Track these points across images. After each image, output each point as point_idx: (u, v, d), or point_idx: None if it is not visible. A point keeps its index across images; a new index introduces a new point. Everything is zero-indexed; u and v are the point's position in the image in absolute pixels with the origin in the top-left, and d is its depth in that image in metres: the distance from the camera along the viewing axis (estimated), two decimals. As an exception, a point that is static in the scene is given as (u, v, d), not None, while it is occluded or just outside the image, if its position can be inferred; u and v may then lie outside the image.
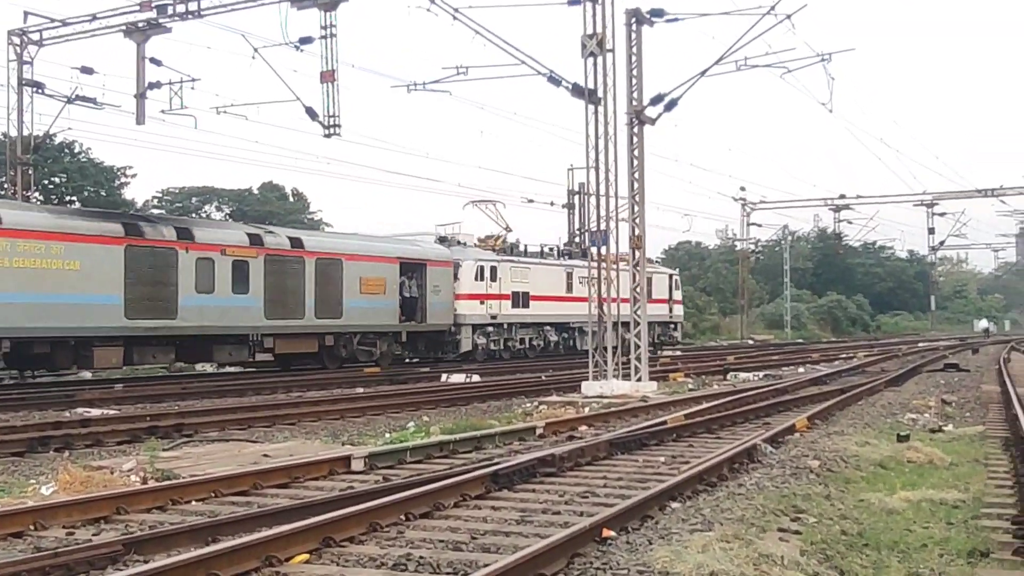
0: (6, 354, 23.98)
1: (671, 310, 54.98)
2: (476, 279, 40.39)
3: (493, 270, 41.26)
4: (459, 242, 43.11)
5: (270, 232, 32.37)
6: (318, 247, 32.92)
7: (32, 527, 8.10)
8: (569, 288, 45.53)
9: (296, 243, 31.81)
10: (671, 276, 56.78)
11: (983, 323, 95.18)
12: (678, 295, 57.48)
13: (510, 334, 42.93)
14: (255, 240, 30.18)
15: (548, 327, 45.38)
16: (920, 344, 56.66)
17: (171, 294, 27.18)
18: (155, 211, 46.21)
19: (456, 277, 39.42)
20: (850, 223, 71.27)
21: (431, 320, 36.59)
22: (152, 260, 27.18)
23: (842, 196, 67.18)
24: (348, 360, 33.85)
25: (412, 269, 36.30)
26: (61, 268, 24.89)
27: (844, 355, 42.03)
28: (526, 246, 46.89)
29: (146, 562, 6.50)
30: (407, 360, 38.69)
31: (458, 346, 39.78)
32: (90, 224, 26.84)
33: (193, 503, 9.44)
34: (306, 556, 6.98)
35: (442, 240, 42.78)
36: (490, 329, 41.27)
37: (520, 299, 42.84)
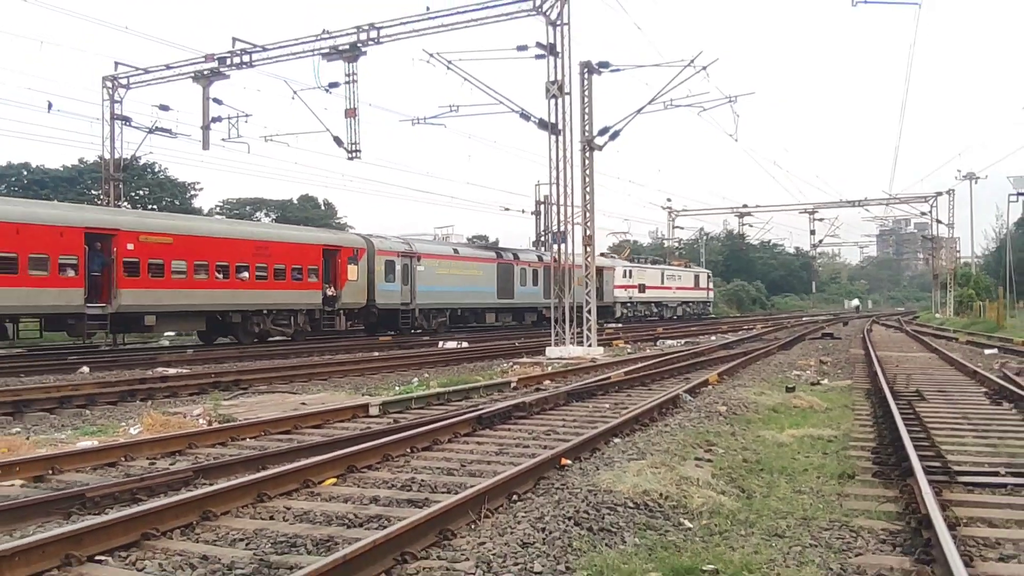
0: (451, 316, 45.87)
1: (708, 295, 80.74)
2: (623, 277, 63.03)
3: (629, 272, 64.82)
4: (611, 254, 66.32)
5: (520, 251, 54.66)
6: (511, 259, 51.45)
7: (123, 458, 9.14)
8: (662, 280, 71.10)
9: (515, 256, 52.02)
10: (708, 275, 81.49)
11: (855, 302, 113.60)
12: (711, 284, 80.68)
13: (636, 308, 66.67)
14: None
15: (654, 304, 70.36)
16: (804, 319, 62.88)
17: (513, 287, 50.44)
18: (218, 215, 53.44)
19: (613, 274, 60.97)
20: (751, 226, 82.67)
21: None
22: (505, 270, 49.87)
23: (744, 206, 77.68)
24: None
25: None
26: (473, 275, 46.94)
27: (746, 327, 44.81)
28: (646, 257, 74.50)
29: (211, 484, 7.38)
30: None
31: (614, 313, 60.25)
32: (481, 252, 51.69)
33: (247, 440, 10.48)
34: (334, 479, 7.96)
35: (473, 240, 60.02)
36: (628, 304, 64.60)
37: (641, 288, 66.39)
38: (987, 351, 26.58)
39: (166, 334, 34.18)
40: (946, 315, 64.08)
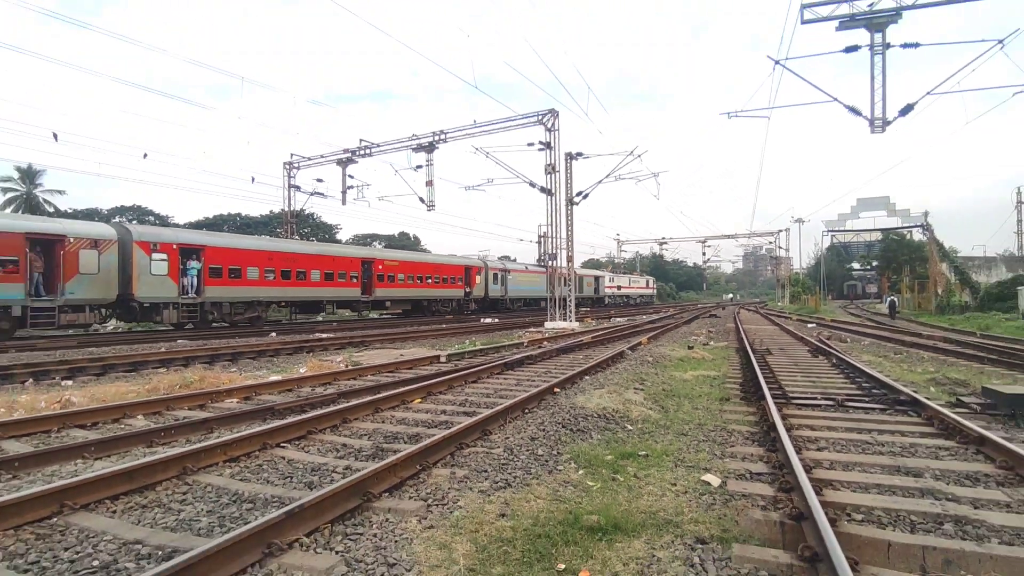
0: (526, 302, 44.46)
1: (653, 292, 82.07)
2: (610, 281, 62.90)
3: (613, 278, 64.79)
4: (606, 268, 70.68)
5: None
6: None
7: (296, 387, 9.17)
8: (630, 283, 71.51)
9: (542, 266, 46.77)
10: (653, 280, 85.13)
11: (730, 296, 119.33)
12: (654, 286, 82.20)
13: (615, 299, 63.81)
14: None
15: (626, 296, 68.86)
16: (699, 306, 61.53)
17: (553, 286, 43.68)
18: (350, 246, 48.06)
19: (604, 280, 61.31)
20: (667, 250, 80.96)
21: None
22: (548, 278, 39.09)
23: (663, 238, 76.14)
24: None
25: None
26: (533, 279, 44.46)
27: (665, 312, 43.68)
28: (618, 268, 74.63)
29: (347, 402, 7.49)
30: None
31: (603, 302, 59.21)
32: (536, 268, 45.77)
33: (368, 376, 10.43)
34: (419, 399, 7.95)
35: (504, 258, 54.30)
36: (612, 297, 62.73)
37: (618, 288, 65.88)
38: (809, 325, 26.24)
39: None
40: (784, 304, 63.31)
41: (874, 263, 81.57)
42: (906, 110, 15.43)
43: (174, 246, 21.01)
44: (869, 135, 15.86)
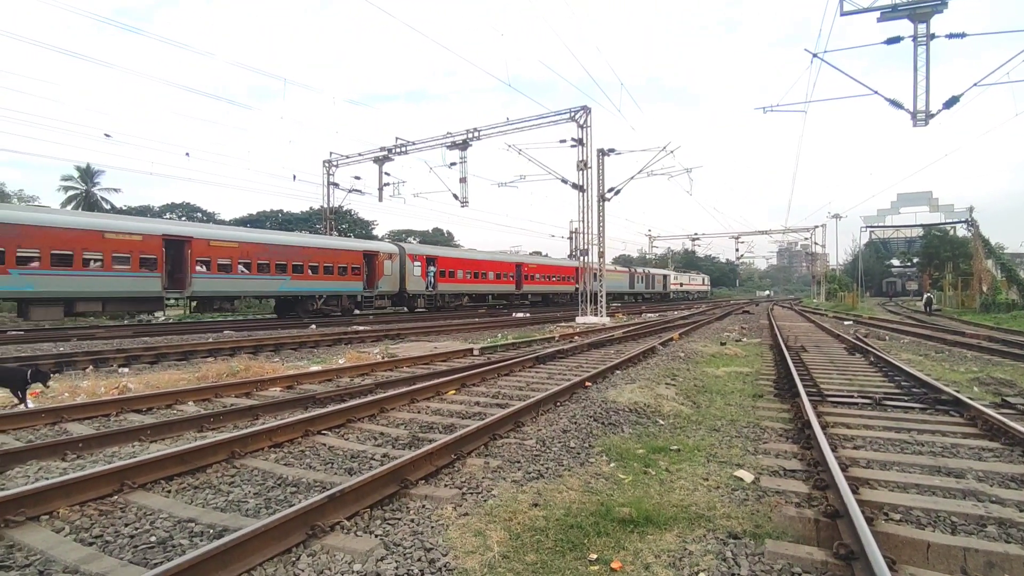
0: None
1: (708, 288, 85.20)
2: (674, 279, 66.88)
3: (676, 276, 68.27)
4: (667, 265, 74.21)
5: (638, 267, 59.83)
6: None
7: (335, 376, 9.32)
8: (689, 280, 75.74)
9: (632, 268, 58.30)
10: (707, 277, 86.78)
11: (766, 292, 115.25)
12: (683, 280, 77.87)
13: (677, 294, 68.59)
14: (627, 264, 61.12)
15: (685, 292, 72.97)
16: (731, 303, 60.38)
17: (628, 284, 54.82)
18: (387, 242, 49.06)
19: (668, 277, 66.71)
20: (699, 245, 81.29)
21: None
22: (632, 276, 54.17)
23: (696, 234, 75.52)
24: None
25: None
26: (618, 280, 49.71)
27: (696, 308, 42.75)
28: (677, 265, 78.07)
29: (384, 392, 7.60)
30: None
31: (669, 296, 65.17)
32: (622, 269, 54.92)
33: (404, 368, 10.48)
34: (454, 391, 7.99)
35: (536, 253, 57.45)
36: (677, 293, 67.88)
37: (681, 284, 71.51)
38: (846, 322, 25.44)
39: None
40: (820, 301, 61.53)
41: (915, 260, 78.54)
42: (951, 102, 14.77)
43: (423, 256, 31.63)
44: (911, 129, 15.30)
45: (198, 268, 21.13)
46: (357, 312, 27.68)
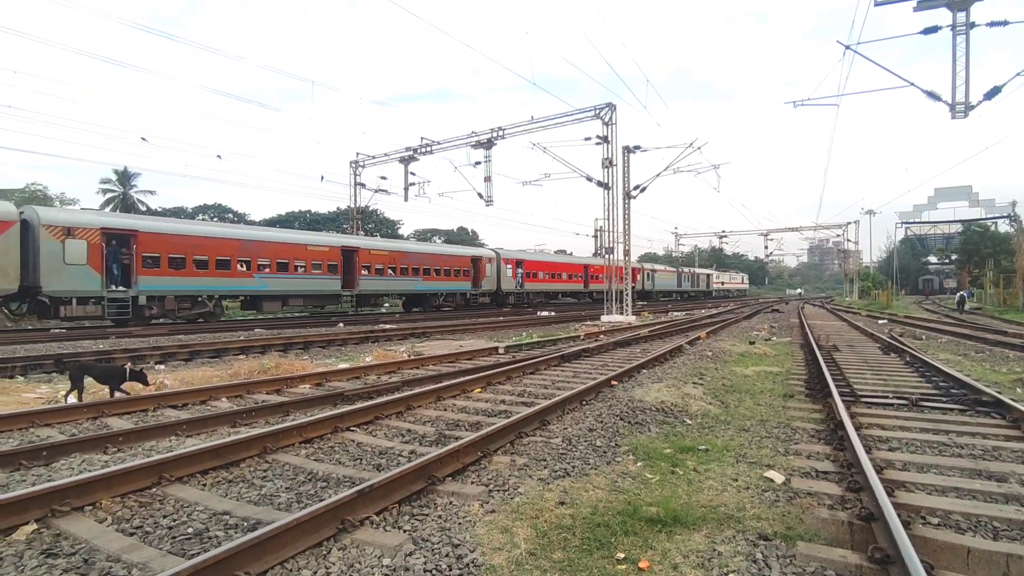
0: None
1: (744, 286, 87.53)
2: (716, 279, 69.01)
3: (719, 276, 70.93)
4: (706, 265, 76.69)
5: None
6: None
7: (363, 374, 9.41)
8: (730, 279, 77.41)
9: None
10: (746, 276, 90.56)
11: (798, 290, 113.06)
12: (724, 279, 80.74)
13: (717, 293, 70.83)
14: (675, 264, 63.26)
15: (727, 291, 75.93)
16: (759, 301, 59.82)
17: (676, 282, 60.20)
18: (412, 240, 51.30)
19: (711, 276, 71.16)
20: (727, 243, 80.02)
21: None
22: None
23: (723, 231, 74.74)
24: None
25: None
26: (668, 279, 53.93)
27: (724, 306, 42.01)
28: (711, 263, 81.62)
29: (411, 390, 7.65)
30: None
31: (711, 295, 67.36)
32: (671, 269, 59.22)
33: (430, 366, 10.53)
34: (479, 389, 8.01)
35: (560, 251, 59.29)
36: (719, 292, 69.74)
37: (722, 283, 73.26)
38: (880, 321, 24.76)
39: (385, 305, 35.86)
40: (853, 299, 60.00)
41: (953, 256, 75.92)
42: (992, 93, 14.23)
43: (514, 260, 36.61)
44: (949, 121, 14.75)
45: (362, 272, 26.90)
46: (464, 306, 32.76)
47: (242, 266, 22.30)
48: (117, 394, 7.37)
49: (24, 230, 17.11)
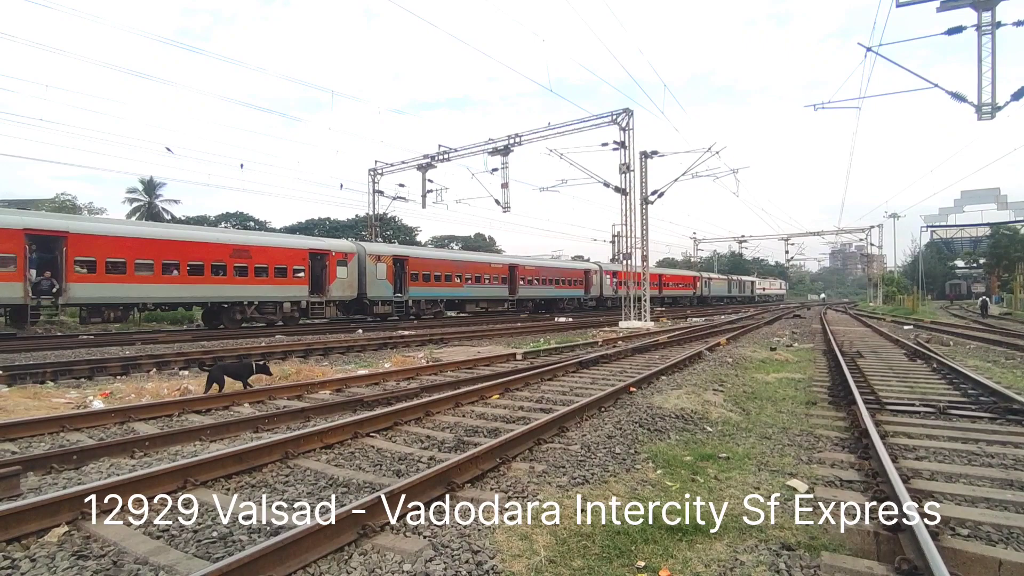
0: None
1: (782, 291, 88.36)
2: (761, 285, 74.06)
3: (760, 282, 72.53)
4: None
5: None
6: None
7: (381, 380, 9.48)
8: (757, 285, 78.21)
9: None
10: (784, 282, 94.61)
11: (821, 295, 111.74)
12: (765, 285, 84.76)
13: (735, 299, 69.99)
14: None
15: (760, 296, 77.27)
16: (782, 306, 60.07)
17: (727, 289, 66.12)
18: (427, 247, 52.45)
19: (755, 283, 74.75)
20: (746, 248, 79.97)
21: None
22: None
23: (743, 236, 73.57)
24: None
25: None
26: (721, 286, 56.26)
27: (744, 312, 41.38)
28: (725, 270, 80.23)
29: (429, 396, 7.68)
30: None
31: (754, 300, 70.91)
32: (722, 276, 61.38)
33: (448, 372, 10.56)
34: (497, 396, 8.01)
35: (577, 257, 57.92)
36: (735, 298, 68.49)
37: (744, 289, 73.45)
38: (905, 327, 24.25)
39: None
40: (877, 304, 58.86)
41: (981, 260, 74.07)
42: (1019, 94, 13.90)
43: (611, 271, 41.79)
44: (975, 123, 14.45)
45: (520, 282, 33.99)
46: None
47: (458, 279, 30.56)
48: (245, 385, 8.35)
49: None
